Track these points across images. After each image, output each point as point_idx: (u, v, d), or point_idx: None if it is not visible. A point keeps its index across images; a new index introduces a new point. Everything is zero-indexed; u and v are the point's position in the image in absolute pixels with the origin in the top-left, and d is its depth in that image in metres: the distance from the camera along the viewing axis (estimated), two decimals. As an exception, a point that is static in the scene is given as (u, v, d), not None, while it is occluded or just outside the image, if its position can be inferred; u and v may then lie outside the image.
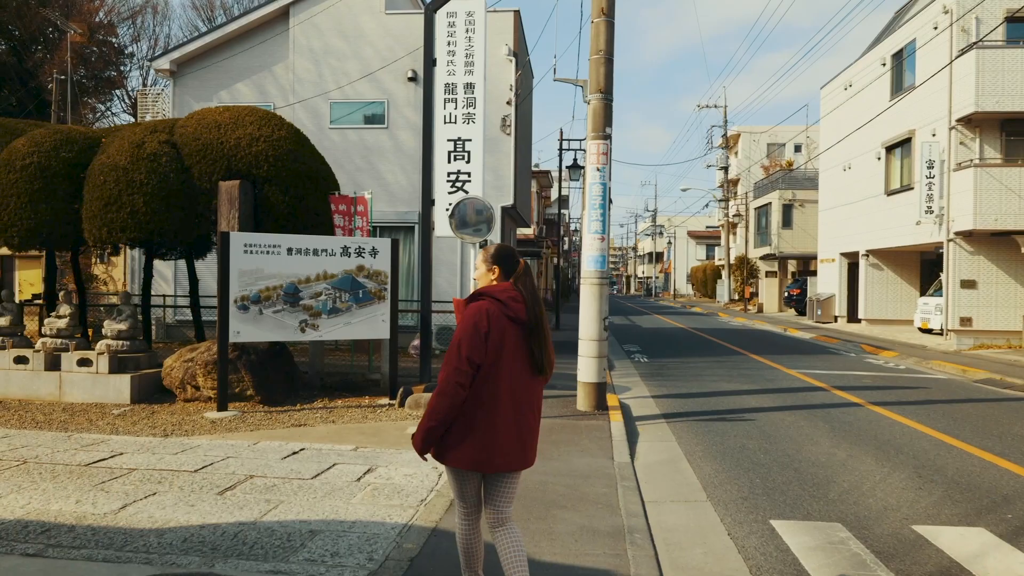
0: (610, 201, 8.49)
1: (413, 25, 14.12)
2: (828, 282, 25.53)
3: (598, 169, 8.31)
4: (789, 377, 11.91)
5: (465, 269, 15.06)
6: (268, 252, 7.96)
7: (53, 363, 8.41)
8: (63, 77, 26.03)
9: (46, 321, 8.90)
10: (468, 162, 9.17)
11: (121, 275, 16.07)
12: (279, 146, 8.89)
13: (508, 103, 14.89)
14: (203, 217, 8.70)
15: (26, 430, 6.84)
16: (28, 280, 17.35)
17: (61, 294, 9.06)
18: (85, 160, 8.70)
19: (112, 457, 5.80)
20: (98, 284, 16.37)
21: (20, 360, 8.41)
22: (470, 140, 9.17)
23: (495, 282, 2.98)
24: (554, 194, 49.11)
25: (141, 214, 8.27)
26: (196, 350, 8.47)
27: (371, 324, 8.47)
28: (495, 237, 15.63)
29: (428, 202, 9.37)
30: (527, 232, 33.56)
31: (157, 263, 15.02)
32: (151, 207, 8.29)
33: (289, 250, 8.07)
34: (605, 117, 8.35)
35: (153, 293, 15.18)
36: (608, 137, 8.37)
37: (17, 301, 14.12)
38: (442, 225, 8.66)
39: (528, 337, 2.87)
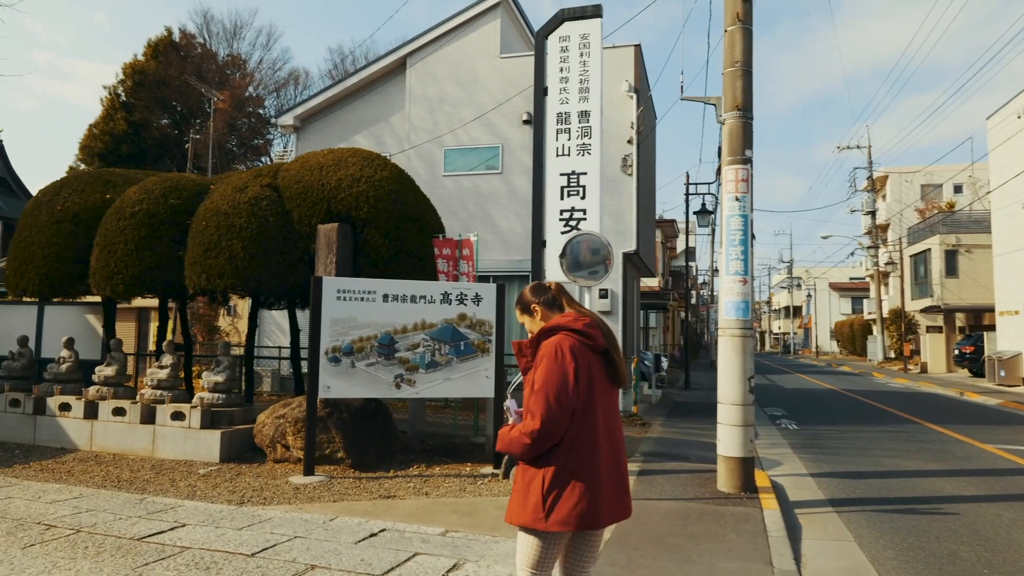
0: (752, 236, 7.10)
1: (528, 68, 13.51)
2: (1012, 337, 21.90)
3: (737, 199, 6.98)
4: (987, 454, 9.62)
5: (584, 321, 13.87)
6: (362, 299, 7.24)
7: (149, 416, 8.05)
8: (206, 142, 28.00)
9: (148, 372, 8.64)
10: (583, 198, 8.11)
11: (246, 327, 16.28)
12: (380, 187, 8.29)
13: (629, 141, 13.83)
14: (302, 262, 8.18)
15: (104, 490, 6.34)
16: (154, 332, 18.08)
17: (164, 344, 8.81)
18: (192, 207, 8.50)
19: (172, 530, 5.06)
20: (222, 336, 16.69)
21: (118, 412, 8.13)
22: (585, 174, 8.13)
23: (546, 318, 2.76)
24: (680, 245, 47.11)
25: (239, 260, 7.85)
26: (288, 406, 7.82)
27: (473, 380, 7.47)
28: (615, 285, 14.43)
29: (539, 244, 8.37)
30: (652, 284, 31.91)
31: (275, 314, 15.03)
32: (249, 252, 7.86)
33: (385, 296, 7.31)
34: (744, 138, 7.05)
35: (269, 344, 15.17)
36: (748, 161, 7.04)
37: (150, 351, 14.48)
38: (553, 269, 7.60)
39: (608, 361, 2.65)
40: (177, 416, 7.88)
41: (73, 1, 70.13)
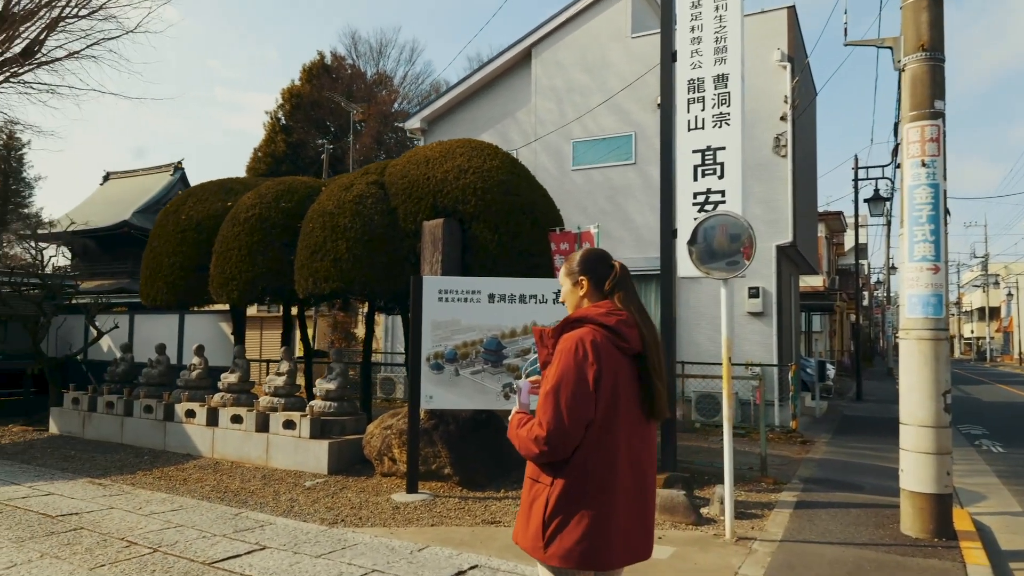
0: (947, 212, 5.55)
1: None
2: None
3: (923, 164, 5.49)
4: None
5: (732, 322, 12.39)
6: (466, 299, 6.55)
7: (263, 424, 7.88)
8: (358, 156, 29.16)
9: (265, 379, 8.53)
10: (721, 177, 6.91)
11: (382, 333, 16.38)
12: (489, 177, 7.59)
13: (783, 118, 12.19)
14: (408, 262, 7.66)
15: (205, 502, 6.10)
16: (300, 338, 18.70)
17: (282, 350, 8.67)
18: (303, 210, 8.29)
19: (248, 554, 4.60)
20: (357, 343, 16.89)
21: (236, 419, 8.04)
22: (723, 148, 6.92)
23: (586, 301, 2.31)
24: (848, 240, 42.76)
25: (344, 262, 7.47)
26: (396, 416, 7.30)
27: (592, 390, 6.51)
28: (767, 283, 12.74)
29: (668, 234, 7.27)
30: (814, 283, 28.93)
31: (400, 319, 14.90)
32: (353, 253, 7.46)
33: (491, 296, 6.57)
34: (932, 85, 5.54)
35: (401, 350, 15.04)
36: (939, 115, 5.52)
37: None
38: (683, 260, 6.47)
39: (643, 372, 2.15)
40: (288, 425, 7.63)
41: (247, 39, 77.44)
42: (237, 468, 7.59)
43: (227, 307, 9.63)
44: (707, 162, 6.99)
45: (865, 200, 21.44)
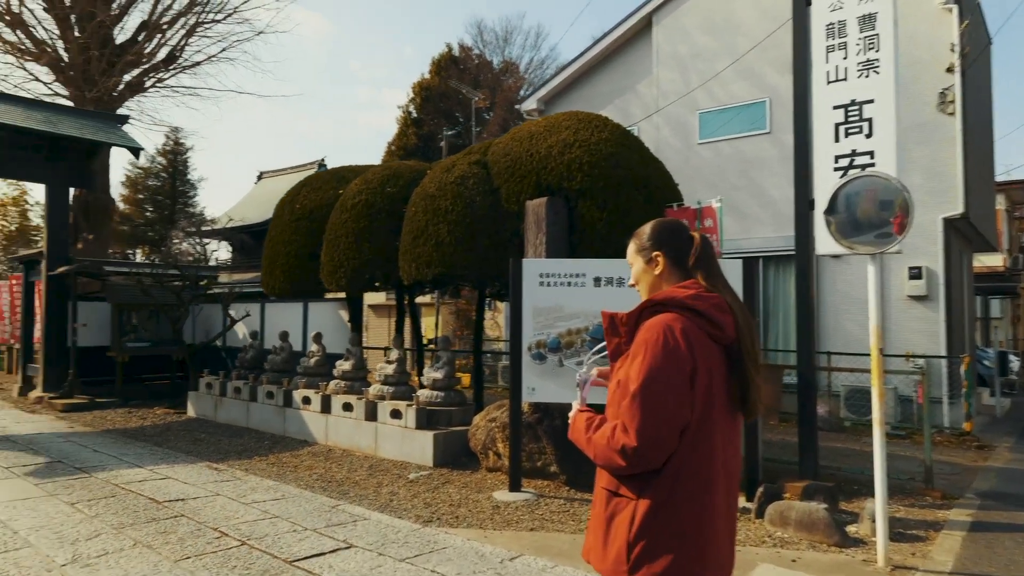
0: None
1: (801, -2, 11.02)
2: None
3: None
4: None
5: (887, 307, 10.95)
6: (569, 283, 6.01)
7: (372, 412, 7.79)
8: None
9: (377, 367, 8.46)
10: (869, 136, 5.86)
11: (503, 320, 16.17)
12: (597, 150, 6.97)
13: (949, 70, 10.50)
14: (511, 245, 7.23)
15: (307, 492, 6.03)
16: (428, 326, 18.90)
17: (392, 338, 8.56)
18: (408, 194, 8.10)
19: (332, 552, 4.38)
20: (484, 332, 16.78)
21: (347, 407, 8.02)
22: (870, 102, 5.86)
23: (663, 283, 1.96)
24: (1032, 213, 37.39)
25: (445, 246, 7.17)
26: (501, 408, 6.92)
27: (714, 384, 5.76)
28: (933, 261, 11.10)
29: (804, 205, 6.32)
30: (992, 263, 25.42)
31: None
32: (454, 236, 7.14)
33: (596, 280, 5.99)
34: None
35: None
36: None
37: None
38: (820, 234, 5.53)
39: (737, 364, 1.86)
40: (395, 414, 7.48)
41: (385, 39, 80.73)
42: (347, 456, 7.55)
43: (346, 295, 9.71)
44: (851, 119, 5.96)
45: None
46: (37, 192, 33.30)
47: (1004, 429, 10.81)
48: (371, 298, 18.47)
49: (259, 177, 34.41)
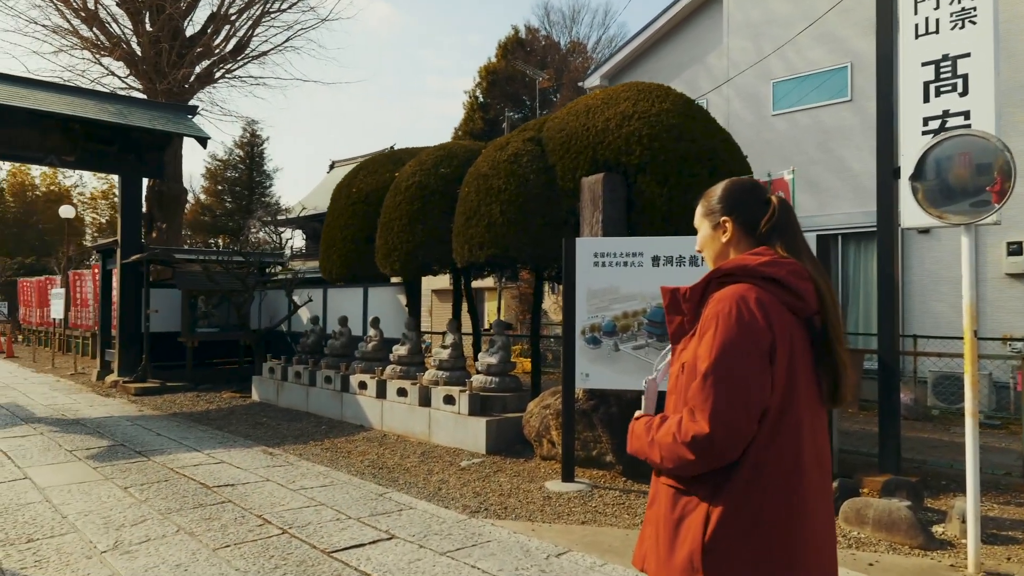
0: None
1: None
2: None
3: None
4: None
5: (982, 286, 10.03)
6: (625, 263, 5.66)
7: (426, 398, 7.66)
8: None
9: (433, 352, 8.32)
10: (964, 94, 5.24)
11: (568, 304, 15.83)
12: (657, 123, 6.54)
13: (1056, 22, 9.45)
14: (567, 225, 6.90)
15: (357, 478, 5.94)
16: (491, 311, 18.74)
17: (448, 323, 8.40)
18: (461, 175, 7.87)
19: (372, 543, 4.23)
20: (543, 316, 16.50)
21: (401, 393, 7.92)
22: (966, 56, 5.23)
23: (732, 251, 1.73)
24: None
25: (497, 226, 6.92)
26: (556, 395, 6.64)
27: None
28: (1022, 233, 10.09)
29: (888, 173, 5.75)
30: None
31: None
32: (507, 217, 6.87)
33: (655, 260, 5.61)
34: None
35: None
36: None
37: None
38: (906, 202, 4.96)
39: (821, 341, 1.62)
40: (448, 400, 7.32)
41: (454, 27, 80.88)
42: (401, 442, 7.45)
43: (402, 279, 9.62)
44: (943, 76, 5.35)
45: None
46: (124, 185, 35.06)
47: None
48: (435, 283, 18.47)
49: (331, 166, 35.08)
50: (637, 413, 1.79)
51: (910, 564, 4.09)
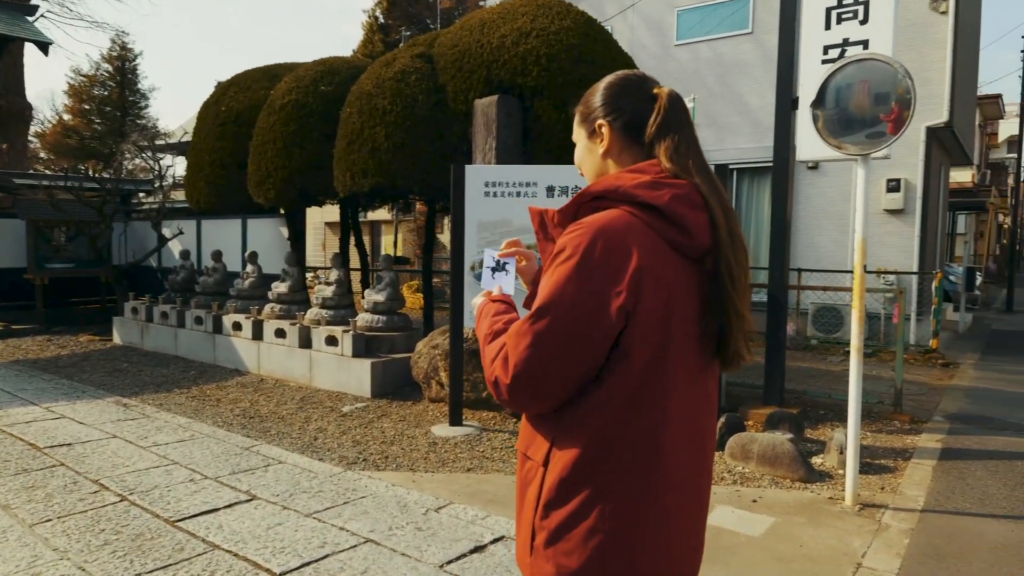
0: None
1: None
2: None
3: None
4: None
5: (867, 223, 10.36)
6: (519, 193, 5.25)
7: (307, 339, 7.10)
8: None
9: (316, 289, 7.71)
10: (864, 22, 5.07)
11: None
12: (556, 42, 6.06)
13: (945, -39, 9.57)
14: (459, 152, 6.38)
15: (222, 430, 5.38)
16: (387, 245, 18.05)
17: (331, 257, 7.78)
18: (344, 93, 7.12)
19: (228, 507, 3.75)
20: (440, 250, 16.00)
21: (279, 333, 7.31)
22: (869, -19, 5.03)
23: (611, 163, 1.37)
24: (1004, 130, 37.01)
25: (383, 152, 6.31)
26: (446, 334, 6.25)
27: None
28: (912, 173, 10.47)
29: (787, 103, 5.58)
30: (961, 178, 25.03)
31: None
32: (393, 142, 6.26)
33: (550, 190, 5.24)
34: None
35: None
36: None
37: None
38: (805, 132, 4.79)
39: (713, 287, 1.25)
40: (331, 341, 6.80)
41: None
42: (279, 387, 6.90)
43: (283, 209, 8.81)
44: (844, 3, 5.14)
45: (1041, 74, 17.69)
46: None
47: (968, 346, 10.57)
48: (329, 214, 17.48)
49: (215, 90, 32.26)
50: (490, 291, 1.50)
51: (791, 498, 4.07)
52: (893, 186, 10.35)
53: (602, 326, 1.17)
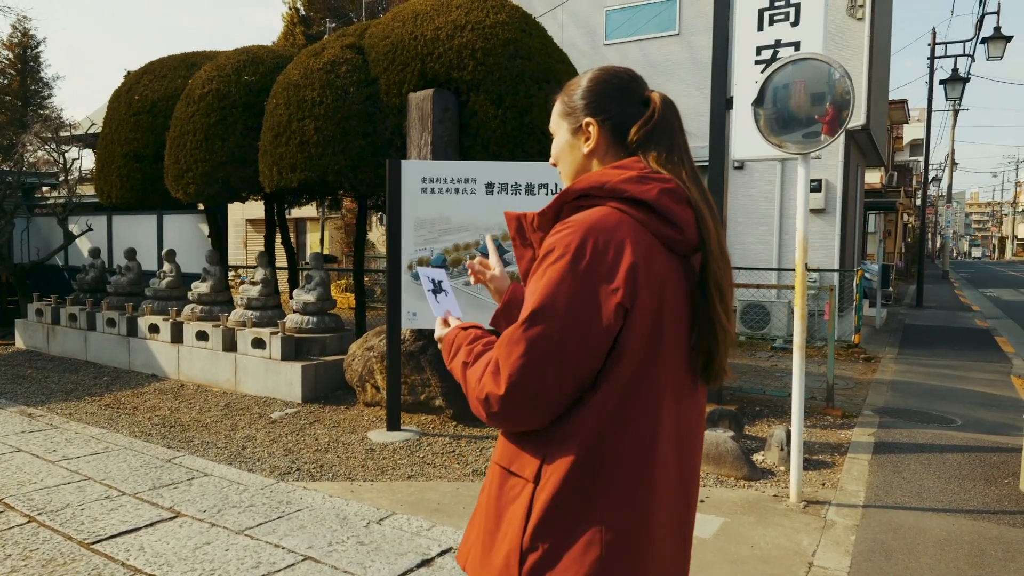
0: None
1: None
2: None
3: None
4: None
5: (785, 221, 10.75)
6: (457, 190, 5.10)
7: (231, 342, 6.73)
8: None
9: (240, 289, 7.33)
10: (796, 23, 5.17)
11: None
12: (492, 35, 5.93)
13: (862, -29, 9.99)
14: (392, 147, 6.17)
15: (139, 441, 5.01)
16: (314, 243, 17.52)
17: (257, 256, 7.41)
18: (270, 84, 6.79)
19: (150, 527, 3.45)
20: (370, 249, 15.64)
21: (201, 336, 6.90)
22: (801, -17, 5.13)
23: (596, 163, 1.29)
24: (908, 134, 39.32)
25: (312, 146, 6.03)
26: (381, 335, 6.04)
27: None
28: (832, 174, 10.93)
29: (722, 103, 5.65)
30: (871, 179, 26.39)
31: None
32: (323, 135, 6.00)
33: (489, 187, 5.11)
34: None
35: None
36: None
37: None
38: (744, 131, 4.84)
39: (701, 289, 1.19)
40: (258, 343, 6.46)
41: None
42: (202, 393, 6.51)
43: (212, 205, 8.34)
44: (776, 4, 5.23)
45: (941, 82, 18.88)
46: None
47: (886, 340, 11.08)
48: (250, 211, 16.79)
49: (126, 77, 30.53)
50: (447, 318, 1.41)
51: (738, 497, 4.10)
52: (815, 186, 10.73)
53: (600, 327, 1.10)
